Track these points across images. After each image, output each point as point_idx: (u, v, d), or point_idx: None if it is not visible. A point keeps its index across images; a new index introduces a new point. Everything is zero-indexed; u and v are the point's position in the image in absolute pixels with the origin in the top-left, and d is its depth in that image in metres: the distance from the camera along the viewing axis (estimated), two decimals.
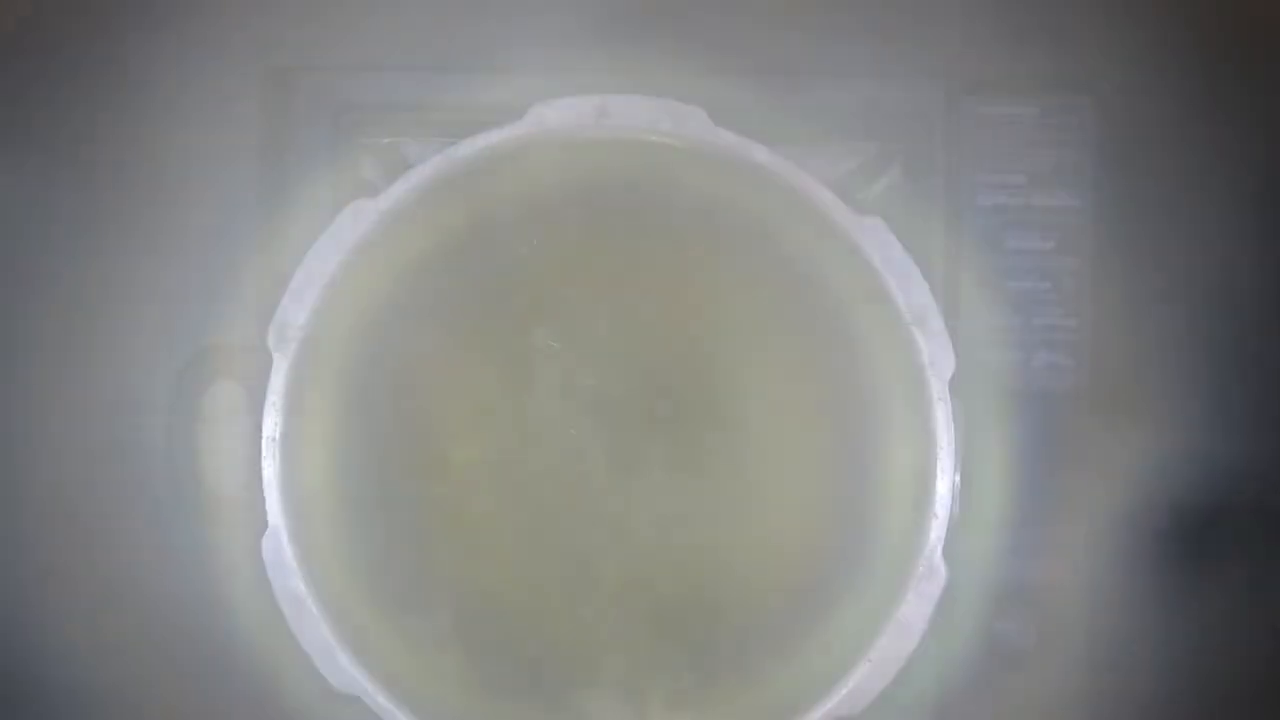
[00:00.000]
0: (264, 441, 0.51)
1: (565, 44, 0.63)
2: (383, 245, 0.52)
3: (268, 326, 0.52)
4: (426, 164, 0.52)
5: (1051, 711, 0.57)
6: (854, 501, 0.53)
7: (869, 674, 0.50)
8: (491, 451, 0.55)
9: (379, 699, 0.51)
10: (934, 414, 0.50)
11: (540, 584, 0.55)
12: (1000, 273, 0.57)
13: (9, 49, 0.64)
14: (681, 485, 0.55)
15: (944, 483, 0.50)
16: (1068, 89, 0.57)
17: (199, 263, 0.64)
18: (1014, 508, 0.51)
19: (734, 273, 0.57)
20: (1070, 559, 0.57)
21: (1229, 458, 0.49)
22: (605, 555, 0.55)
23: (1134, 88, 0.58)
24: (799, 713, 0.51)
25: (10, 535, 0.64)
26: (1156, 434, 0.50)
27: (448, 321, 0.56)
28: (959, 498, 0.50)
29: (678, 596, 0.54)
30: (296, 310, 0.51)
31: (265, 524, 0.51)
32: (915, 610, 0.50)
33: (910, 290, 0.52)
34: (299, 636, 0.51)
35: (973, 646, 0.57)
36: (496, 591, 0.55)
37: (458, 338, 0.56)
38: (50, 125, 0.64)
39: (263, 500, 0.51)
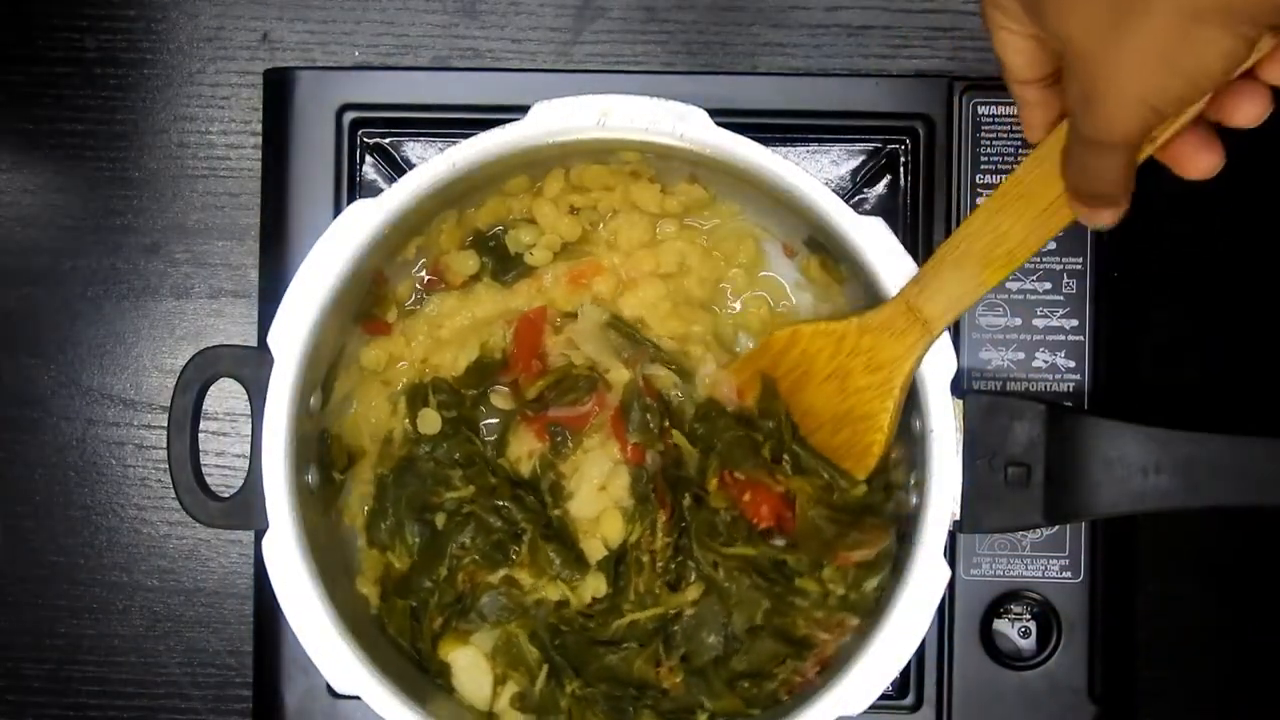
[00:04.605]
0: (265, 442, 0.51)
1: (566, 44, 0.63)
2: (383, 245, 0.52)
3: (268, 326, 0.51)
4: (426, 164, 0.52)
5: (1053, 712, 0.57)
6: (854, 501, 0.53)
7: (869, 674, 0.50)
8: (493, 450, 0.55)
9: (379, 699, 0.51)
10: (934, 414, 0.50)
11: (541, 584, 0.55)
12: None
13: (13, 52, 0.64)
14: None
15: (944, 483, 0.50)
16: None
17: (200, 262, 0.64)
18: (1014, 508, 0.51)
19: (734, 271, 0.57)
20: (1070, 559, 0.57)
21: (1228, 458, 0.49)
22: (606, 555, 0.55)
23: None
24: (799, 713, 0.51)
25: (11, 534, 0.64)
26: (1157, 434, 0.50)
27: (448, 320, 0.56)
28: (959, 498, 0.50)
29: (679, 601, 0.54)
30: (297, 310, 0.51)
31: (265, 524, 0.51)
32: (915, 610, 0.50)
33: None
34: (299, 636, 0.51)
35: (973, 646, 0.57)
36: (495, 591, 0.55)
37: (459, 336, 0.56)
38: (52, 125, 0.64)
39: (263, 500, 0.51)
